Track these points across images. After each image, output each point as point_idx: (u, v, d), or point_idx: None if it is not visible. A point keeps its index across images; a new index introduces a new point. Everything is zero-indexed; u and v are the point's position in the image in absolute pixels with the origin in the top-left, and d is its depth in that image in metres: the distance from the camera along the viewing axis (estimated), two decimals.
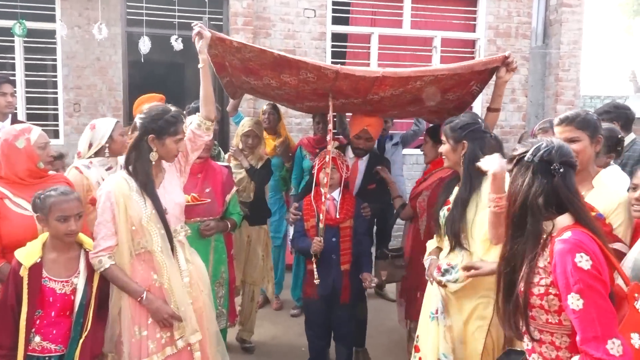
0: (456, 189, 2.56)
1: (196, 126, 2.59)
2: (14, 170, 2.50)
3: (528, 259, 1.65)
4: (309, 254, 3.18)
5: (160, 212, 2.40)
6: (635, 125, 7.37)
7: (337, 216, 3.24)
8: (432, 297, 2.58)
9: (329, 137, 3.23)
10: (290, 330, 4.37)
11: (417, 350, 2.62)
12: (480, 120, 2.56)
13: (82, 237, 2.36)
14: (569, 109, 7.04)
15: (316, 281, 3.12)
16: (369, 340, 3.81)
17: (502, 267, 1.73)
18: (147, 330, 2.36)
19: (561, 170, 1.62)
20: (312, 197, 3.29)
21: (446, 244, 2.56)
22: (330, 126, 3.24)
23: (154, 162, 2.43)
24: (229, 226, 3.29)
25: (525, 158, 1.67)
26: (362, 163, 3.71)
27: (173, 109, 2.49)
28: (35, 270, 2.19)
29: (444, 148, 2.57)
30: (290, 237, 4.58)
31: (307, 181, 3.75)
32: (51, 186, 2.59)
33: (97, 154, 2.90)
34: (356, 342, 3.68)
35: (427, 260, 2.66)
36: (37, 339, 2.22)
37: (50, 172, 2.69)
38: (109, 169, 2.86)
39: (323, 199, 3.15)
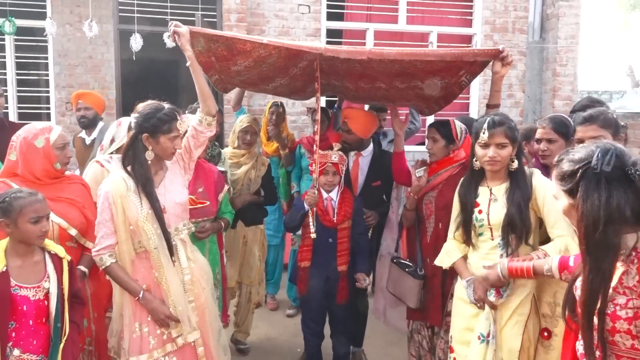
0: (483, 189, 2.48)
1: (197, 122, 2.55)
2: (31, 169, 2.49)
3: (605, 279, 1.46)
4: (301, 220, 3.19)
5: (157, 212, 2.37)
6: (633, 120, 7.34)
7: (335, 219, 3.21)
8: (482, 319, 2.43)
9: (316, 128, 3.15)
10: (286, 331, 4.31)
11: (452, 351, 2.59)
12: None
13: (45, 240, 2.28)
14: (567, 104, 6.98)
15: (313, 235, 3.12)
16: (365, 340, 3.76)
17: (585, 299, 1.49)
18: (148, 326, 2.39)
19: (638, 172, 1.42)
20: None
21: (485, 245, 2.46)
22: (317, 117, 3.15)
23: (150, 161, 2.41)
24: (223, 226, 3.26)
25: (593, 169, 1.44)
26: (365, 159, 3.64)
27: (166, 106, 2.44)
28: (3, 279, 2.07)
29: (507, 151, 2.39)
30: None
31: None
32: (66, 186, 2.58)
33: (120, 151, 2.93)
34: (354, 341, 3.64)
35: (467, 282, 2.48)
36: (17, 352, 2.10)
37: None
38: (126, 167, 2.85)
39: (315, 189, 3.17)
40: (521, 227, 2.32)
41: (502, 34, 6.86)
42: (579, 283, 1.61)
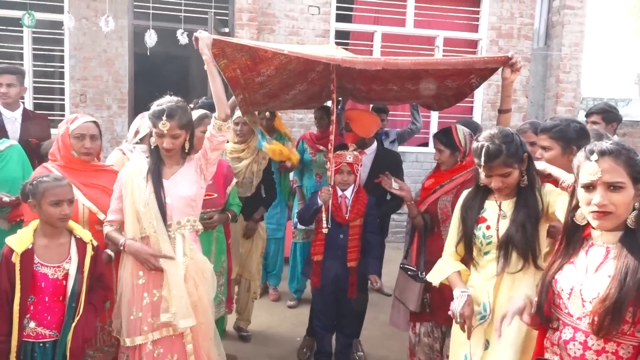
0: (491, 204, 2.30)
1: (211, 126, 2.64)
2: (60, 154, 2.74)
3: None
4: (314, 214, 3.28)
5: (159, 198, 2.51)
6: (632, 129, 7.44)
7: (347, 215, 3.30)
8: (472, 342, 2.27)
9: (332, 128, 3.24)
10: (286, 321, 4.47)
11: None
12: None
13: (72, 224, 2.43)
14: (569, 110, 7.11)
15: (324, 230, 3.21)
16: (363, 332, 3.89)
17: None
18: (142, 311, 2.52)
19: None
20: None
21: (492, 265, 2.27)
22: (333, 117, 3.25)
23: (152, 147, 2.59)
24: (230, 217, 3.38)
25: None
26: (368, 157, 3.74)
27: (166, 103, 2.54)
28: (27, 256, 2.24)
29: (513, 177, 2.20)
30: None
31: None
32: (101, 175, 2.77)
33: (143, 142, 3.10)
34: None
35: (462, 292, 2.26)
36: (32, 324, 2.26)
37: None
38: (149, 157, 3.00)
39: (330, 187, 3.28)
40: (525, 248, 2.15)
41: (507, 40, 6.98)
42: (559, 276, 1.72)
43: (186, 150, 2.64)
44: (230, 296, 3.59)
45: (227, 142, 4.00)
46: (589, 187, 1.62)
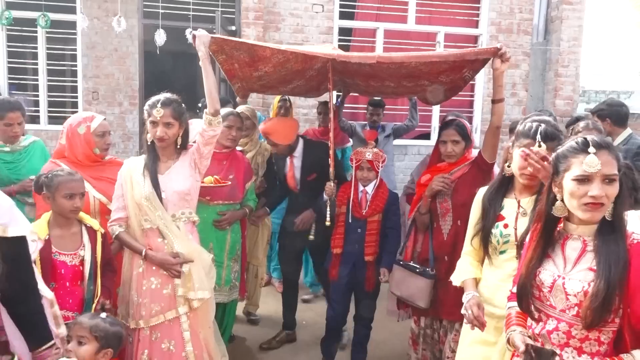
0: (510, 202, 2.26)
1: (203, 120, 2.73)
2: (74, 152, 2.89)
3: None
4: (324, 214, 3.35)
5: (157, 192, 2.65)
6: (633, 121, 7.58)
7: (364, 211, 3.38)
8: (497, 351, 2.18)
9: (331, 125, 3.40)
10: None
11: None
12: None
13: (81, 213, 2.58)
14: (568, 103, 7.28)
15: (327, 223, 3.30)
16: None
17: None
18: (141, 298, 2.68)
19: None
20: (351, 186, 3.45)
21: (508, 264, 2.24)
22: (331, 115, 3.43)
23: (149, 142, 2.70)
24: (247, 213, 3.54)
25: None
26: (297, 160, 3.80)
27: (162, 95, 2.68)
28: (45, 246, 2.40)
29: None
30: None
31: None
32: (108, 168, 2.94)
33: None
34: None
35: (465, 298, 2.23)
36: (56, 308, 2.37)
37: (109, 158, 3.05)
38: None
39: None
40: None
41: (507, 35, 7.11)
42: (538, 270, 1.73)
43: (178, 146, 2.72)
44: (243, 283, 3.73)
45: None
46: (585, 179, 1.60)
